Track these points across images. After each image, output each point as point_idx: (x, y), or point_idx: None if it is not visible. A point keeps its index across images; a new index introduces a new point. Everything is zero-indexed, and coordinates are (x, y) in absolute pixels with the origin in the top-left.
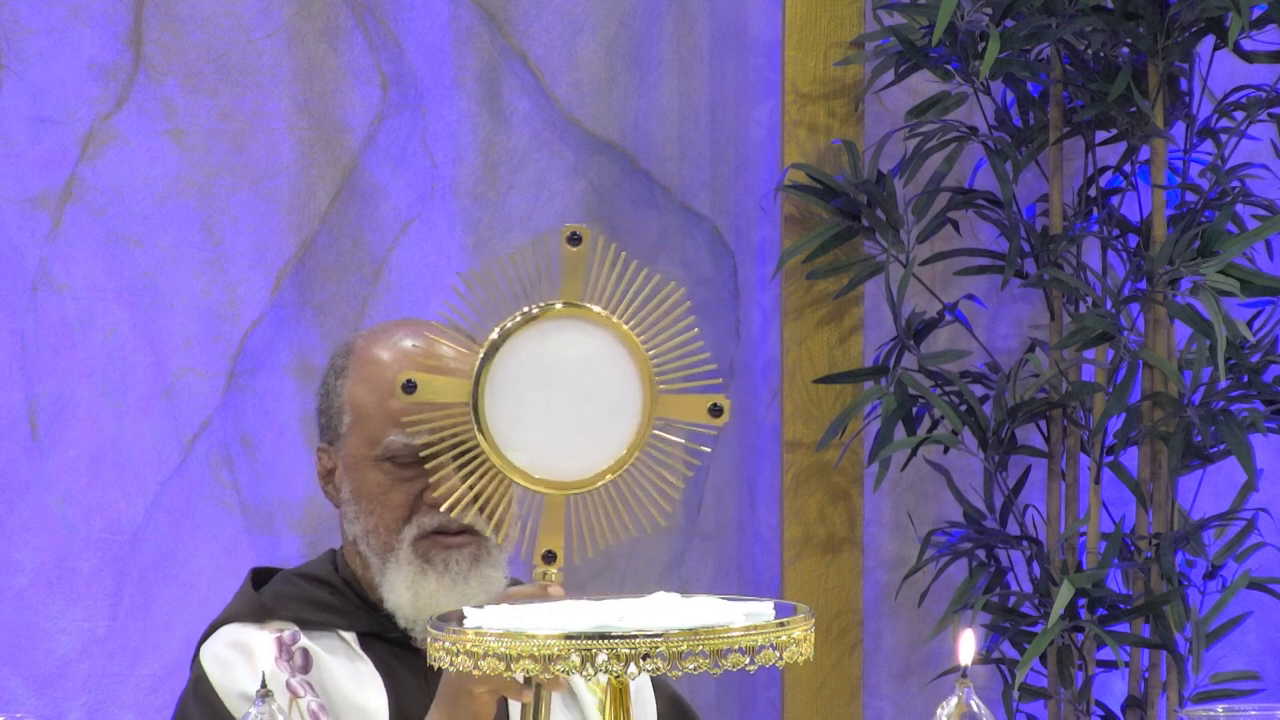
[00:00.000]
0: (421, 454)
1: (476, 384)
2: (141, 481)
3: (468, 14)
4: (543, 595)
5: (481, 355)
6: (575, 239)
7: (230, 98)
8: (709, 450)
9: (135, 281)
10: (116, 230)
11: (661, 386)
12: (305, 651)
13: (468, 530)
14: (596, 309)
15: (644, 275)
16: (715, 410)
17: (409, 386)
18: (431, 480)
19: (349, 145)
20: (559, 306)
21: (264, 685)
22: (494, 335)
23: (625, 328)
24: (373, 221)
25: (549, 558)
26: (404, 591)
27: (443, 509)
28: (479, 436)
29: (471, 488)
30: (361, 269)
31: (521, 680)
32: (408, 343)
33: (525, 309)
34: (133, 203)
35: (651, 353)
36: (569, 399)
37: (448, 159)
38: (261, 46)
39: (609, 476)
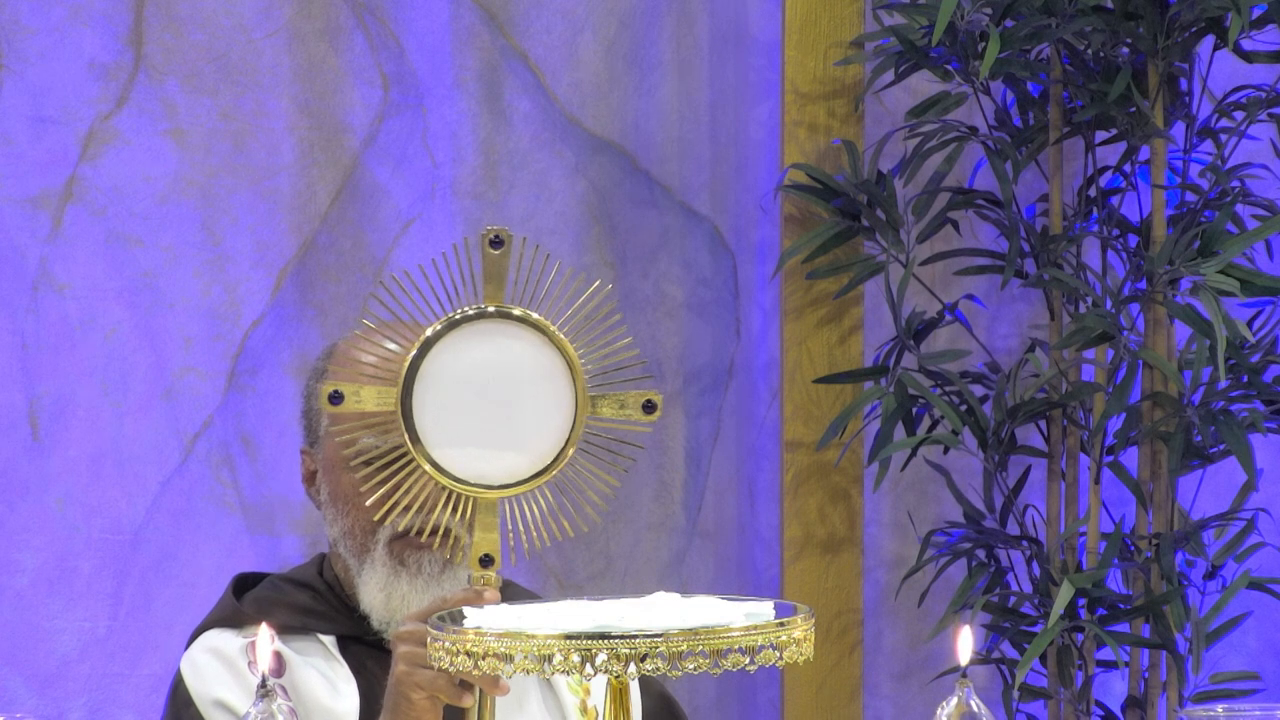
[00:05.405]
0: (352, 463)
1: (404, 391)
2: (142, 481)
3: (468, 14)
4: (477, 600)
5: (408, 363)
6: (497, 242)
7: (231, 97)
8: (642, 447)
9: (135, 281)
10: (117, 230)
11: (592, 385)
12: (278, 655)
13: (441, 532)
14: (522, 312)
15: (569, 275)
16: (649, 407)
17: (335, 397)
18: (363, 489)
19: (349, 145)
20: (484, 310)
21: (264, 685)
22: (419, 342)
23: (551, 328)
24: (373, 221)
25: (486, 561)
26: (377, 593)
27: (375, 518)
28: (409, 443)
29: (407, 493)
30: (362, 269)
31: (459, 684)
32: (390, 345)
33: (449, 314)
34: (133, 202)
35: (580, 352)
36: (498, 402)
37: (448, 159)
38: (262, 46)
39: (542, 478)
